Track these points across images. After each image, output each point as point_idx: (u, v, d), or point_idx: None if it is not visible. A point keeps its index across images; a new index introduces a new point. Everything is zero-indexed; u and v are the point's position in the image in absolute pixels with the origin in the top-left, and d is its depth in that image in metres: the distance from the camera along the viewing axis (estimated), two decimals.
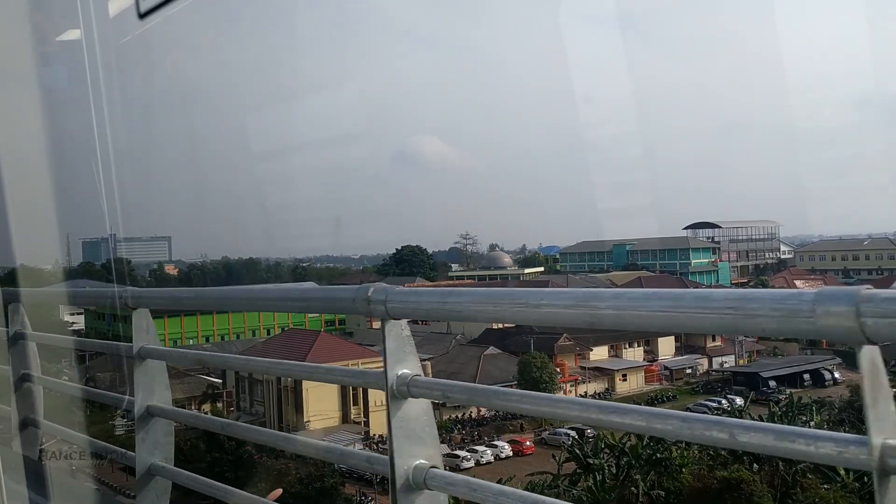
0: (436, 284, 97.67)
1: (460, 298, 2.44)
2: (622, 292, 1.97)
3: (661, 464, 36.32)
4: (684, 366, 67.37)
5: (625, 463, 36.04)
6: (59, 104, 8.24)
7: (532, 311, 2.15)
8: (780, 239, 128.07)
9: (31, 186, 6.80)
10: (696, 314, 1.79)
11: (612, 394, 62.16)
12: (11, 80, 6.19)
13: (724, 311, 1.71)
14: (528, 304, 2.15)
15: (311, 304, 3.75)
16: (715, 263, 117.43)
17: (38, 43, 6.18)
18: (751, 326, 1.72)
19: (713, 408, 56.13)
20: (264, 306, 3.62)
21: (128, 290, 3.97)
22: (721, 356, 70.06)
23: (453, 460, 46.87)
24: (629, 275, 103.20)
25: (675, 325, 1.95)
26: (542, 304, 2.11)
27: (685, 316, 1.83)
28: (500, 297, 2.38)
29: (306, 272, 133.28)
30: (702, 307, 1.77)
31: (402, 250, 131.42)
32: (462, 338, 71.94)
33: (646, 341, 69.47)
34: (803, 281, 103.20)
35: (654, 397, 60.89)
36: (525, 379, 54.61)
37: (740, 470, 33.39)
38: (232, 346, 79.34)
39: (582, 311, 2.07)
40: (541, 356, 56.39)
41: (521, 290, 2.26)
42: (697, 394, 62.74)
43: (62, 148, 9.36)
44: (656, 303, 1.86)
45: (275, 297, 3.77)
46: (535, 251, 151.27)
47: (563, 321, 2.15)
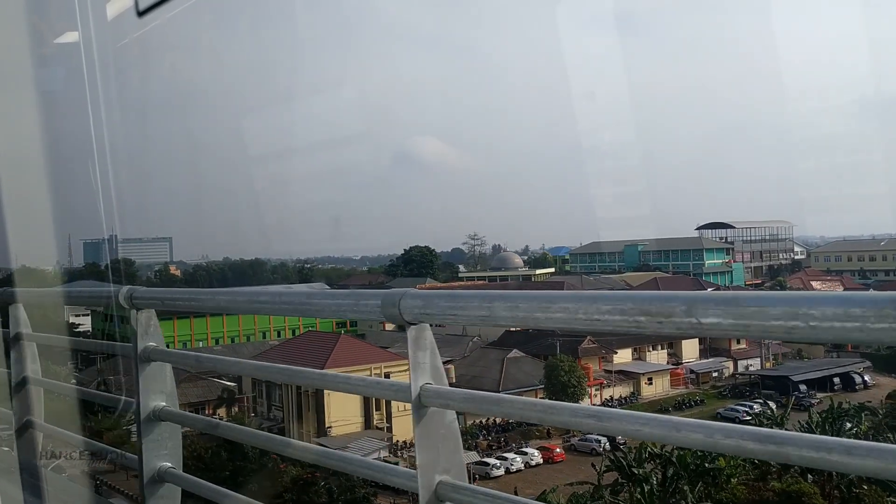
0: (448, 286, 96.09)
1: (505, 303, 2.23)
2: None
3: (709, 474, 34.61)
4: (710, 369, 65.66)
5: (672, 474, 34.29)
6: (61, 106, 8.32)
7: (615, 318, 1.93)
8: (794, 239, 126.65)
9: (34, 188, 6.60)
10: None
11: (638, 398, 60.47)
12: (15, 83, 6.04)
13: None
14: (580, 310, 2.01)
15: (337, 309, 3.28)
16: (729, 264, 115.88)
17: (39, 45, 6.04)
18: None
19: (745, 412, 54.60)
20: (285, 310, 3.52)
21: (134, 289, 3.83)
22: (746, 359, 68.38)
23: (483, 468, 45.15)
24: (644, 276, 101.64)
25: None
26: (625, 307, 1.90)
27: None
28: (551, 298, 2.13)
29: (312, 273, 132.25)
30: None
31: (411, 251, 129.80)
32: (479, 340, 70.26)
33: (669, 344, 67.79)
34: (820, 282, 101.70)
35: (682, 401, 59.22)
36: (552, 383, 52.85)
37: (799, 482, 31.66)
38: (243, 349, 77.59)
39: (684, 320, 1.78)
40: (568, 359, 54.61)
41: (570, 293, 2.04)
42: (725, 398, 61.06)
43: (64, 150, 9.18)
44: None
45: (297, 302, 3.39)
46: (541, 252, 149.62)
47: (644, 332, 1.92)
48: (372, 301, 2.62)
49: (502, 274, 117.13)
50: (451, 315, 2.39)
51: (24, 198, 6.06)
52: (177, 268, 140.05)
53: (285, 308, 3.65)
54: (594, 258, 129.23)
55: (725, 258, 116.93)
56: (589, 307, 1.99)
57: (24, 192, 6.19)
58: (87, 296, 6.83)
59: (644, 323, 1.84)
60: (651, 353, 66.58)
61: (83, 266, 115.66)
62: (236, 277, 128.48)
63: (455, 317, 2.39)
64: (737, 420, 53.43)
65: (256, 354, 60.41)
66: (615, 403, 58.16)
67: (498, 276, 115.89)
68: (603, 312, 1.94)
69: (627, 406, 57.52)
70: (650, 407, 57.66)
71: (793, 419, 45.04)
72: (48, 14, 6.39)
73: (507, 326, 42.43)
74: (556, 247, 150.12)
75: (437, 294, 2.45)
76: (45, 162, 6.94)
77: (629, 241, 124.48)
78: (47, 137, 6.82)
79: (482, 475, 44.66)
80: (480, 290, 2.44)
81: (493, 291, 2.32)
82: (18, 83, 6.14)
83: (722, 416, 54.55)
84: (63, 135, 10.01)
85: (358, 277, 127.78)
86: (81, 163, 11.71)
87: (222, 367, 44.50)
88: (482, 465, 45.22)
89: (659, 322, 1.80)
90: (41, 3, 6.24)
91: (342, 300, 3.09)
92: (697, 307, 1.73)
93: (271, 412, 52.84)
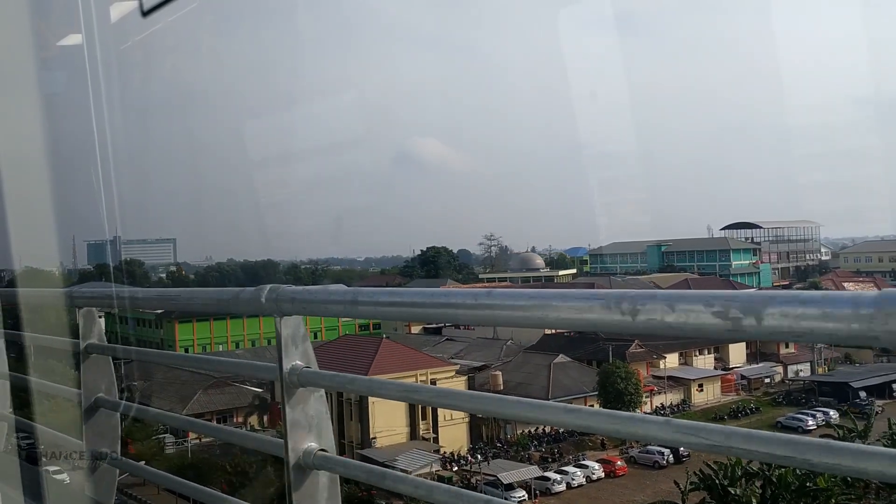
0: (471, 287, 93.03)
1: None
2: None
3: (810, 494, 31.58)
4: (761, 375, 62.55)
5: (771, 494, 31.24)
6: (66, 108, 8.86)
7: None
8: (821, 240, 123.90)
9: (39, 189, 6.64)
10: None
11: (690, 406, 57.41)
12: (20, 85, 6.07)
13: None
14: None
15: (218, 303, 3.26)
16: (756, 265, 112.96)
17: (44, 48, 6.15)
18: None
19: (809, 421, 51.64)
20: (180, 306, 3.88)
21: (74, 289, 4.05)
22: (795, 364, 65.37)
23: (543, 483, 42.06)
24: (672, 277, 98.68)
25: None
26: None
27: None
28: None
29: (325, 274, 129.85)
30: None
31: (428, 251, 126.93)
32: (513, 343, 67.25)
33: (715, 348, 64.78)
34: (853, 283, 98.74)
35: (736, 409, 56.11)
36: (607, 391, 49.72)
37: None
38: (265, 353, 74.68)
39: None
40: (624, 366, 51.49)
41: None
42: (780, 405, 57.95)
43: (68, 151, 9.76)
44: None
45: (186, 298, 3.79)
46: (548, 252, 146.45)
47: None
48: (249, 295, 2.77)
49: (524, 275, 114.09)
50: (322, 308, 2.64)
51: (29, 199, 6.11)
52: (182, 269, 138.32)
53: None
54: (615, 259, 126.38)
55: (752, 259, 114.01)
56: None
57: (30, 194, 6.25)
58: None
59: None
60: (697, 358, 63.53)
61: (93, 267, 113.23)
62: (249, 279, 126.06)
63: (326, 310, 2.66)
64: (800, 430, 50.46)
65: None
66: (667, 412, 55.08)
67: (520, 277, 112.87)
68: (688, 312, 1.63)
69: (680, 415, 54.49)
70: (704, 416, 54.64)
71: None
72: (52, 16, 6.40)
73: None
74: (573, 248, 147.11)
75: (308, 289, 2.60)
76: (50, 163, 6.86)
77: (651, 241, 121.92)
78: (52, 139, 6.86)
79: (542, 490, 41.60)
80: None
81: (381, 289, 2.46)
82: (23, 85, 6.16)
83: (783, 426, 51.53)
84: (67, 136, 10.14)
85: (372, 278, 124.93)
86: (86, 164, 12.48)
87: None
88: (542, 481, 42.13)
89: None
90: (45, 5, 6.21)
91: (223, 295, 3.13)
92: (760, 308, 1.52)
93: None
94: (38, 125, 6.66)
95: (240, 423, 55.47)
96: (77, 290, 4.01)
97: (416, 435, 47.02)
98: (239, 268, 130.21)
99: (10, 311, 4.88)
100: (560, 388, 52.67)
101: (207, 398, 56.34)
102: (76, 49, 6.70)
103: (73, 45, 6.75)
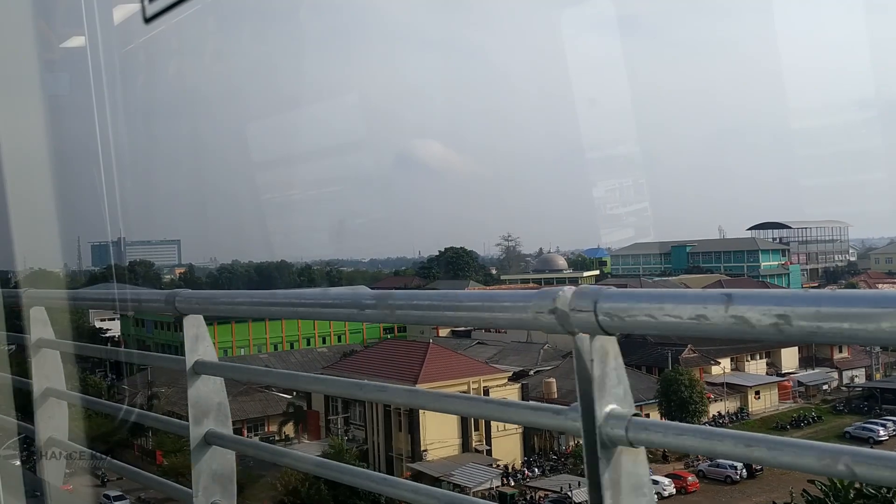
0: (495, 289, 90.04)
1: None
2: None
3: None
4: (819, 381, 59.42)
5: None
6: (69, 111, 8.44)
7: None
8: (850, 241, 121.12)
9: (43, 191, 6.72)
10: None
11: (748, 414, 54.33)
12: (23, 88, 6.17)
13: None
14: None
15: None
16: (785, 266, 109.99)
17: (47, 50, 6.18)
18: None
19: (880, 431, 48.66)
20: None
21: (26, 290, 4.45)
22: (850, 369, 62.30)
23: None
24: (704, 278, 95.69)
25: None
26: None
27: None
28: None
29: (341, 276, 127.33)
30: None
31: (447, 252, 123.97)
32: (550, 347, 64.21)
33: (767, 352, 61.72)
34: (887, 284, 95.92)
35: (798, 418, 53.01)
36: (670, 400, 46.59)
37: None
38: (290, 357, 71.69)
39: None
40: (688, 372, 48.38)
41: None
42: (841, 413, 54.81)
43: (72, 153, 10.10)
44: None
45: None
46: (579, 253, 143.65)
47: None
48: (156, 297, 3.31)
49: (547, 276, 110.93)
50: (226, 308, 3.11)
51: (34, 201, 6.22)
52: (185, 269, 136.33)
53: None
54: (637, 259, 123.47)
55: (782, 260, 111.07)
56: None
57: (35, 195, 6.32)
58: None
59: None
60: (749, 363, 60.47)
61: (104, 268, 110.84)
62: (263, 280, 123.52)
63: (231, 309, 3.17)
64: (871, 441, 47.46)
65: (328, 366, 54.22)
66: (725, 421, 52.04)
67: (543, 278, 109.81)
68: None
69: (738, 425, 51.47)
70: (764, 425, 51.64)
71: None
72: (55, 18, 6.40)
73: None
74: (592, 248, 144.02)
75: (209, 293, 3.19)
76: (55, 165, 6.82)
77: (675, 241, 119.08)
78: (56, 141, 6.91)
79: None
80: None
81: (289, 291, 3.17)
82: (27, 87, 6.19)
83: (852, 437, 48.51)
84: (71, 138, 10.47)
85: (387, 280, 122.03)
86: (89, 166, 12.36)
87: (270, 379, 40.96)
88: None
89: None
90: (48, 7, 6.19)
91: (141, 297, 3.75)
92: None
93: (350, 432, 46.57)
94: (43, 127, 6.62)
95: (272, 433, 52.45)
96: (30, 291, 4.42)
97: (468, 446, 43.90)
98: (253, 269, 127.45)
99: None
100: None
101: (238, 405, 53.23)
102: (79, 51, 6.69)
103: (76, 46, 6.73)
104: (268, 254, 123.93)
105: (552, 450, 46.79)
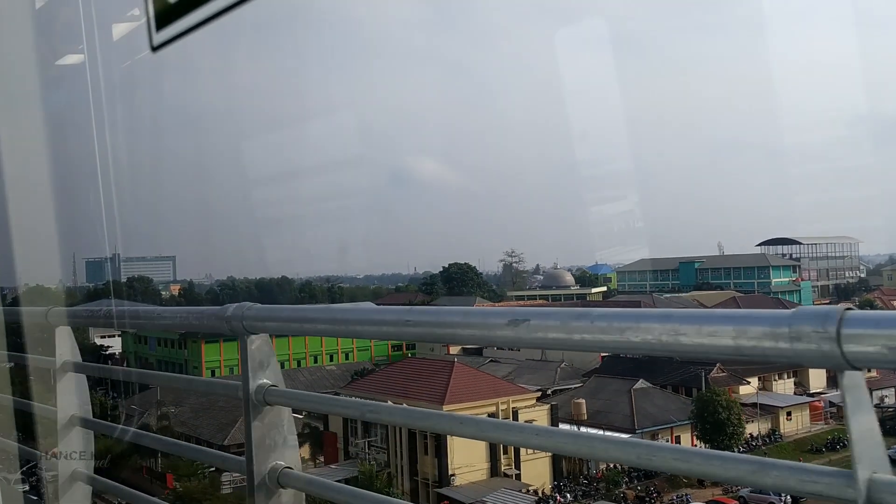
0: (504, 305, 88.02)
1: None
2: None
3: None
4: None
5: None
6: (67, 128, 8.57)
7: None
8: (860, 257, 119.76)
9: (39, 206, 6.66)
10: None
11: (780, 436, 52.25)
12: (23, 104, 6.27)
13: None
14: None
15: (185, 321, 3.32)
16: (797, 282, 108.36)
17: (45, 66, 6.32)
18: None
19: None
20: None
21: (51, 308, 4.12)
22: (879, 389, 60.29)
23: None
24: (716, 295, 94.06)
25: None
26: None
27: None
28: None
29: (342, 292, 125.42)
30: None
31: (450, 268, 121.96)
32: (567, 366, 62.14)
33: (794, 372, 59.76)
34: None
35: (833, 440, 50.96)
36: (706, 422, 44.45)
37: None
38: (299, 375, 69.30)
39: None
40: (725, 393, 46.31)
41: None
42: None
43: (68, 169, 8.22)
44: None
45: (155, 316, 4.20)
46: (583, 269, 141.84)
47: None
48: (215, 313, 2.78)
49: (554, 293, 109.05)
50: (295, 327, 2.55)
51: (30, 217, 6.19)
52: (180, 286, 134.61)
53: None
54: (644, 276, 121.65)
55: (793, 276, 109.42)
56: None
57: (32, 211, 6.31)
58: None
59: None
60: (777, 383, 58.49)
61: (101, 284, 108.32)
62: (265, 297, 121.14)
63: (302, 328, 2.51)
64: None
65: (345, 385, 51.98)
66: (759, 444, 49.99)
67: (550, 294, 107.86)
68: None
69: (772, 448, 49.44)
70: (799, 448, 49.62)
71: None
72: (54, 35, 6.44)
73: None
74: (596, 265, 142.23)
75: (276, 308, 2.67)
76: (51, 182, 6.75)
77: (684, 257, 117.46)
78: (53, 158, 6.76)
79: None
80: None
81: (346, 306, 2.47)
82: (25, 104, 6.25)
83: (892, 460, 46.38)
84: (68, 155, 8.60)
85: (391, 296, 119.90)
86: (85, 183, 11.47)
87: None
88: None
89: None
90: (48, 24, 6.00)
91: (187, 314, 3.20)
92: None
93: (370, 453, 44.25)
94: (40, 144, 6.51)
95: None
96: (54, 310, 4.07)
97: (496, 471, 41.63)
98: (254, 285, 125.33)
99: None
100: (646, 418, 47.50)
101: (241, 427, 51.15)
102: (78, 68, 6.71)
103: (75, 63, 6.70)
104: (263, 270, 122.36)
105: (581, 473, 44.61)
